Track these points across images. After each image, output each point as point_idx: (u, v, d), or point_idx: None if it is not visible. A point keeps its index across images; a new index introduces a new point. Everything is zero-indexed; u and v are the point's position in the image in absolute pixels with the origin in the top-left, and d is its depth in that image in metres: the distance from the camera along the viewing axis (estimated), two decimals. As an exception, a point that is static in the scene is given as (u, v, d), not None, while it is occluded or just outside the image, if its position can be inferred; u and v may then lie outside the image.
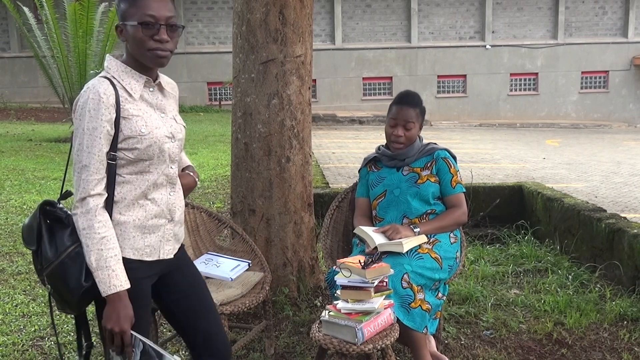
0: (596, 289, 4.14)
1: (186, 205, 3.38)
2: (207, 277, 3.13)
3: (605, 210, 4.80)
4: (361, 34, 21.61)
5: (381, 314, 2.48)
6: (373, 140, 13.60)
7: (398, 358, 3.17)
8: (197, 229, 3.37)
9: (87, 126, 1.81)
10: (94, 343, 2.52)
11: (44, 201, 1.95)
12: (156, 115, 1.96)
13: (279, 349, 3.29)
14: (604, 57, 22.22)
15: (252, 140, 3.70)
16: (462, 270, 3.69)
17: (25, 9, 12.93)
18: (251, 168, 3.73)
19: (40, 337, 3.45)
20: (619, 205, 7.51)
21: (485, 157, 12.01)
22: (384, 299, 2.50)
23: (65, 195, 2.00)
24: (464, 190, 3.14)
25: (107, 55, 1.95)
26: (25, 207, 6.55)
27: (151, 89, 1.98)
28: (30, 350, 3.30)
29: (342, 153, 12.00)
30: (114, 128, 1.84)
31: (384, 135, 3.24)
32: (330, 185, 7.37)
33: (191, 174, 2.20)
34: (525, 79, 22.34)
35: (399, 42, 21.66)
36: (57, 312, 3.75)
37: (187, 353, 3.25)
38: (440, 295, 2.98)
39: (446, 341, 3.40)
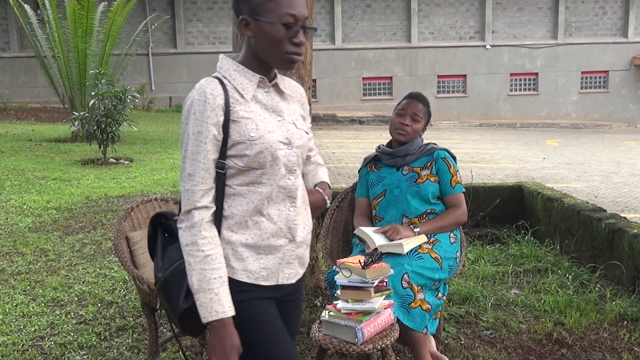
0: (596, 289, 4.14)
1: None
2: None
3: (605, 210, 4.79)
4: (361, 34, 21.62)
5: (381, 314, 2.48)
6: (373, 140, 13.59)
7: (398, 358, 3.17)
8: (197, 229, 3.37)
9: (192, 130, 1.62)
10: None
11: (157, 213, 1.82)
12: (271, 118, 1.70)
13: (279, 349, 3.29)
14: (604, 57, 22.22)
15: (252, 140, 3.70)
16: (462, 270, 3.68)
17: (27, 7, 12.94)
18: (251, 168, 3.72)
19: (40, 337, 3.45)
20: (619, 205, 7.52)
21: (485, 157, 12.01)
22: (384, 299, 2.50)
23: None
24: (464, 190, 3.14)
25: (221, 54, 1.75)
26: (25, 207, 6.56)
27: (266, 90, 1.73)
28: (30, 350, 3.30)
29: (342, 153, 12.00)
30: (222, 132, 1.63)
31: (383, 135, 3.25)
32: (330, 185, 7.36)
33: (321, 191, 1.93)
34: (525, 79, 22.34)
35: (399, 42, 21.66)
36: (57, 311, 3.77)
37: (187, 353, 3.25)
38: (440, 295, 2.98)
39: (446, 341, 3.40)
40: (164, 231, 1.80)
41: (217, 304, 1.58)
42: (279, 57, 1.67)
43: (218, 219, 1.65)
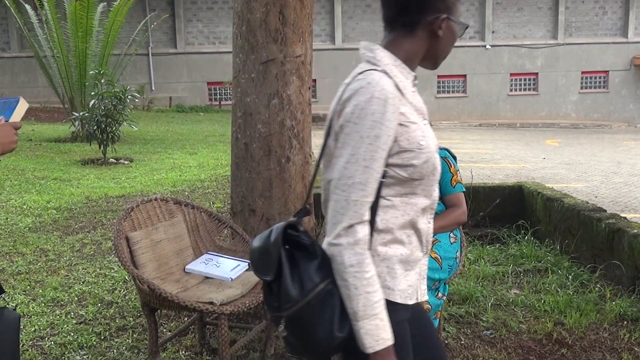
0: (596, 289, 4.15)
1: (186, 205, 3.38)
2: (207, 277, 3.13)
3: (605, 210, 4.80)
4: (361, 34, 21.62)
5: (381, 314, 2.47)
6: (373, 140, 13.55)
7: (398, 358, 3.16)
8: (197, 229, 3.37)
9: (368, 133, 1.41)
10: None
11: (286, 223, 1.53)
12: (424, 121, 1.56)
13: (279, 349, 3.29)
14: (604, 57, 22.23)
15: (252, 140, 3.70)
16: (462, 270, 3.69)
17: (27, 7, 12.95)
18: (251, 168, 3.73)
19: (40, 337, 3.45)
20: (619, 205, 7.52)
21: (485, 157, 12.02)
22: (384, 299, 2.49)
23: (305, 212, 1.62)
24: (464, 189, 3.14)
25: (375, 45, 1.57)
26: (25, 207, 6.56)
27: (413, 89, 1.57)
28: (30, 350, 3.30)
29: (342, 153, 11.99)
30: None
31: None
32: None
33: None
34: (525, 79, 22.35)
35: (399, 42, 21.65)
36: (57, 311, 3.77)
37: (187, 353, 3.26)
38: (440, 295, 2.98)
39: (446, 341, 3.40)
40: (285, 243, 1.52)
41: (382, 330, 1.42)
42: (442, 57, 1.60)
43: (369, 233, 1.46)
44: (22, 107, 1.85)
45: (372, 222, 1.46)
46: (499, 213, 5.61)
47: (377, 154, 1.42)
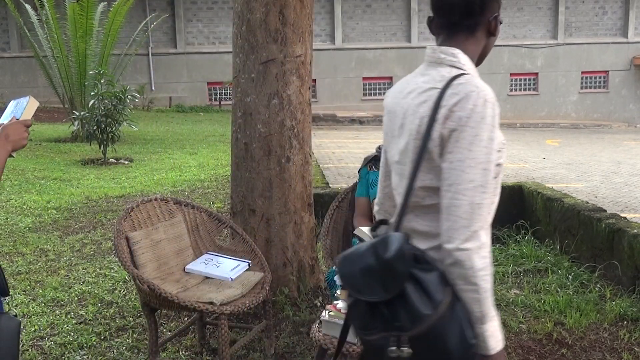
0: (596, 289, 4.15)
1: (186, 205, 3.38)
2: (207, 277, 3.14)
3: (605, 210, 4.80)
4: (361, 34, 21.62)
5: (381, 314, 2.47)
6: (373, 140, 13.59)
7: (398, 358, 3.16)
8: (197, 229, 3.37)
9: (485, 136, 1.43)
10: None
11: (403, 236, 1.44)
12: None
13: (279, 349, 3.29)
14: (604, 57, 22.23)
15: (252, 140, 3.70)
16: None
17: (28, 7, 12.95)
18: (251, 168, 3.73)
19: (40, 337, 3.45)
20: (619, 205, 7.52)
21: (485, 157, 12.00)
22: (384, 299, 2.49)
23: (382, 222, 1.58)
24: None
25: (454, 49, 1.57)
26: (25, 207, 6.56)
27: None
28: (30, 350, 3.30)
29: (342, 153, 12.00)
30: None
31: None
32: (330, 185, 7.37)
33: None
34: (525, 79, 22.35)
35: (399, 42, 21.66)
36: (57, 311, 3.77)
37: (187, 353, 3.26)
38: (440, 295, 2.98)
39: (446, 341, 3.40)
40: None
41: (499, 330, 1.45)
42: (486, 55, 1.66)
43: None
44: (32, 105, 1.93)
45: None
46: (499, 213, 5.56)
47: (492, 156, 1.45)
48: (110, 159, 9.95)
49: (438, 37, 1.61)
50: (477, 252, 1.40)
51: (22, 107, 1.91)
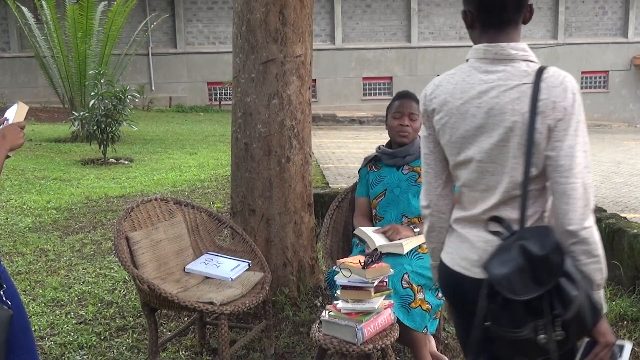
0: (596, 289, 4.14)
1: (186, 205, 3.39)
2: (207, 277, 3.14)
3: (605, 210, 4.79)
4: (361, 34, 21.62)
5: (381, 314, 2.48)
6: (373, 140, 13.59)
7: (398, 358, 3.16)
8: (197, 229, 3.37)
9: (584, 119, 1.58)
10: None
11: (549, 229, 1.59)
12: None
13: (279, 349, 3.29)
14: (604, 57, 22.22)
15: (252, 140, 3.70)
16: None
17: (25, 9, 12.94)
18: (251, 168, 3.73)
19: (40, 337, 3.45)
20: (619, 205, 7.52)
21: (485, 157, 12.00)
22: (384, 299, 2.50)
23: (495, 219, 1.64)
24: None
25: (523, 44, 1.71)
26: (25, 207, 6.56)
27: None
28: (30, 350, 3.30)
29: (342, 153, 12.00)
30: None
31: (384, 135, 3.25)
32: (330, 185, 7.37)
33: None
34: (525, 79, 22.34)
35: (399, 42, 21.66)
36: (57, 311, 3.77)
37: (187, 353, 3.26)
38: (440, 295, 2.98)
39: (446, 341, 3.40)
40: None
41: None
42: None
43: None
44: (22, 109, 2.05)
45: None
46: (499, 213, 5.60)
47: (587, 137, 1.57)
48: (110, 159, 9.95)
49: (485, 33, 1.70)
50: (595, 228, 1.54)
51: (13, 113, 2.03)
